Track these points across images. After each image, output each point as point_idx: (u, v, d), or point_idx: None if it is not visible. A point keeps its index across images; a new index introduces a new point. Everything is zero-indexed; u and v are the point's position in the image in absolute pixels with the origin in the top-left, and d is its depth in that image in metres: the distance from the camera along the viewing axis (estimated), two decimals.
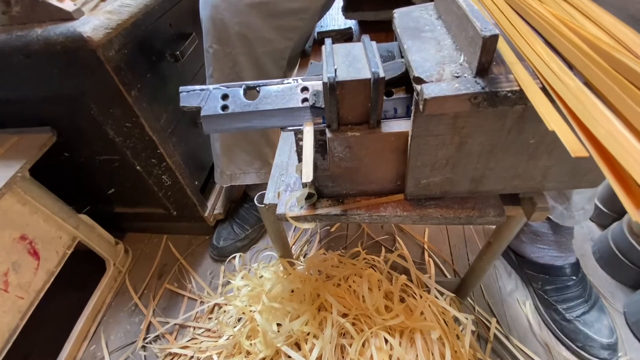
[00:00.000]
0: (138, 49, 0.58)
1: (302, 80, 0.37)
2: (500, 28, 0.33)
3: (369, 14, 0.78)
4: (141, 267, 0.90)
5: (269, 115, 0.37)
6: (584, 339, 0.63)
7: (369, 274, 0.58)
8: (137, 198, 0.83)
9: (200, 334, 0.74)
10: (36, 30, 0.46)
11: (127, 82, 0.55)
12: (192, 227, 0.92)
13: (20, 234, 0.63)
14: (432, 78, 0.29)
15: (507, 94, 0.26)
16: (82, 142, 0.68)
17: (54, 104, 0.60)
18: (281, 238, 0.59)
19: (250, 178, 0.80)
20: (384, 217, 0.42)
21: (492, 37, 0.25)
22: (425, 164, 0.37)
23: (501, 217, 0.40)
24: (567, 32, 0.27)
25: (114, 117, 0.60)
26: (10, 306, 0.62)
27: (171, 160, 0.70)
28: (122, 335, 0.78)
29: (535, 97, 0.23)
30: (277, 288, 0.61)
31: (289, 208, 0.44)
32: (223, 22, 0.58)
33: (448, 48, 0.32)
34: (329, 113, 0.34)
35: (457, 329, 0.60)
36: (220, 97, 0.37)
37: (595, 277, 0.76)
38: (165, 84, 0.68)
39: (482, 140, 0.33)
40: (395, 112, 0.37)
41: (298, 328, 0.52)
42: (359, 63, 0.33)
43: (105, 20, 0.47)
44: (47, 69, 0.51)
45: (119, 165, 0.72)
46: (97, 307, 0.81)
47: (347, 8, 0.79)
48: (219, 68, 0.64)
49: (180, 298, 0.83)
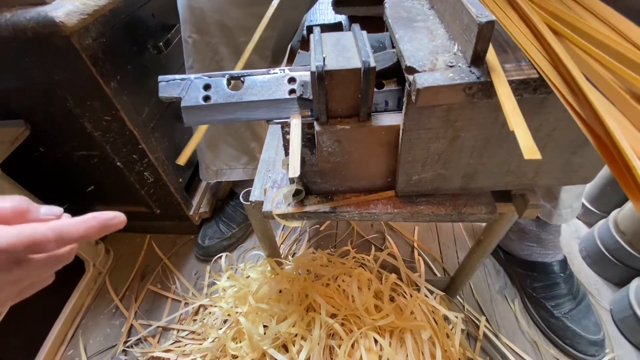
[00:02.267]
0: (118, 39, 0.55)
1: (289, 71, 0.36)
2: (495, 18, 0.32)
3: (360, 9, 0.76)
4: (123, 268, 0.87)
5: (254, 107, 0.35)
6: (571, 335, 0.64)
7: (359, 273, 0.57)
8: (118, 196, 0.80)
9: (184, 337, 0.71)
10: (5, 14, 0.43)
11: (105, 73, 0.52)
12: (177, 226, 0.89)
13: None
14: (425, 67, 0.27)
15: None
16: (59, 136, 0.65)
17: (26, 95, 0.57)
18: (268, 237, 0.57)
19: (237, 174, 0.78)
20: (374, 214, 0.41)
21: (488, 24, 0.24)
22: (416, 159, 0.36)
23: (493, 214, 0.40)
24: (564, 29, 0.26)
25: (92, 110, 0.57)
26: None
27: (154, 157, 0.67)
28: (102, 339, 0.74)
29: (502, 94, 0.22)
30: (264, 288, 0.59)
31: (276, 205, 0.42)
32: (201, 10, 0.56)
33: (441, 37, 0.31)
34: (318, 105, 0.33)
35: (447, 327, 0.60)
36: (202, 87, 0.35)
37: (582, 275, 0.77)
38: (148, 76, 0.65)
39: (475, 134, 0.32)
40: (386, 105, 0.36)
41: (285, 330, 0.50)
42: (349, 52, 0.32)
43: (80, 5, 0.44)
44: (17, 57, 0.48)
45: (98, 161, 0.69)
46: (76, 309, 0.77)
47: (337, 2, 0.77)
48: (199, 59, 0.61)
49: (164, 300, 0.80)
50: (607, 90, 0.21)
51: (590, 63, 0.23)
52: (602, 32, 0.24)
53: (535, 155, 0.19)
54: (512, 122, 0.20)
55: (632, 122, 0.19)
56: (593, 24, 0.27)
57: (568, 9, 0.29)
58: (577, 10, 0.28)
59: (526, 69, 0.26)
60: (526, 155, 0.19)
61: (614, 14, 0.26)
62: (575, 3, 0.29)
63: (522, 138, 0.19)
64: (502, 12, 0.32)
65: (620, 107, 0.20)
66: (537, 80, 0.25)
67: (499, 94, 0.22)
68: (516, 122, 0.20)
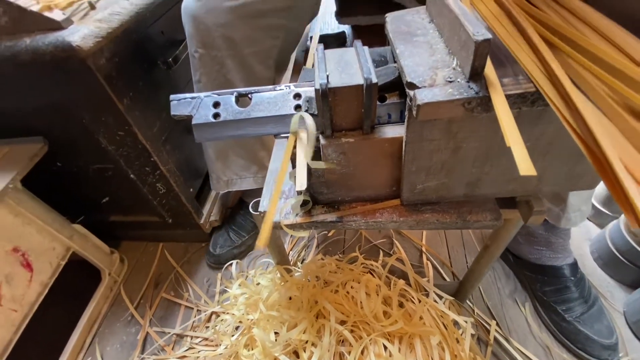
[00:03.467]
0: (130, 57, 0.58)
1: (295, 87, 0.37)
2: (494, 32, 0.33)
3: (362, 19, 0.78)
4: (137, 276, 0.89)
5: (262, 123, 0.36)
6: (583, 339, 0.63)
7: (367, 280, 0.58)
8: (131, 206, 0.82)
9: (198, 344, 0.73)
10: (25, 40, 0.45)
11: (118, 91, 0.55)
12: (188, 234, 0.91)
13: (13, 246, 0.62)
14: (424, 83, 0.28)
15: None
16: (75, 151, 0.67)
17: (44, 114, 0.59)
18: (277, 245, 0.59)
19: (248, 183, 0.80)
20: (380, 223, 0.41)
21: (485, 42, 0.24)
22: (420, 169, 0.36)
23: (498, 221, 0.40)
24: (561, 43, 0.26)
25: (106, 126, 0.59)
26: (3, 320, 0.61)
27: (165, 168, 0.69)
28: (119, 346, 0.76)
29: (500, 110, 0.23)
30: (274, 296, 0.60)
31: (284, 216, 0.43)
32: (206, 25, 0.58)
33: (441, 52, 0.32)
34: (322, 120, 0.34)
35: (456, 332, 0.60)
36: (211, 105, 0.37)
37: (594, 277, 0.76)
38: (158, 91, 0.67)
39: (476, 144, 0.33)
40: (389, 118, 0.37)
41: (296, 337, 0.51)
42: (352, 69, 0.33)
43: (94, 29, 0.47)
44: (37, 79, 0.51)
45: (113, 173, 0.71)
46: (93, 318, 0.80)
47: (340, 13, 0.79)
48: (206, 72, 0.63)
49: (177, 307, 0.81)
50: (601, 103, 0.22)
51: (585, 76, 0.24)
52: (597, 45, 0.25)
53: (530, 172, 0.19)
54: (509, 138, 0.21)
55: (625, 135, 0.20)
56: (589, 35, 0.27)
57: (565, 21, 0.30)
58: (574, 22, 0.29)
59: (524, 83, 0.26)
60: (522, 172, 0.20)
61: (610, 25, 0.27)
62: (572, 15, 0.30)
63: (519, 155, 0.20)
64: (501, 25, 0.32)
65: (614, 120, 0.21)
66: (535, 94, 0.26)
67: (497, 110, 0.23)
68: (513, 139, 0.21)
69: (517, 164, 0.20)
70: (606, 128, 0.20)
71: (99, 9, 0.52)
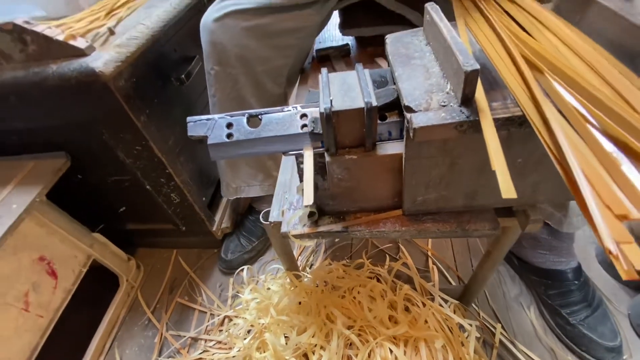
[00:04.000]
0: (146, 76, 0.61)
1: (301, 108, 0.40)
2: (486, 54, 0.35)
3: (365, 30, 0.80)
4: (153, 281, 0.93)
5: (271, 142, 0.39)
6: (588, 342, 0.64)
7: (372, 285, 0.60)
8: (147, 215, 0.86)
9: (212, 347, 0.76)
10: (51, 66, 0.49)
11: (136, 109, 0.58)
12: (201, 241, 0.94)
13: (39, 255, 0.66)
14: (420, 107, 0.31)
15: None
16: (95, 164, 0.71)
17: (67, 131, 0.63)
18: (287, 252, 0.61)
19: (255, 190, 0.83)
20: (383, 232, 0.44)
21: (473, 72, 0.27)
22: (419, 183, 0.39)
23: (496, 230, 0.42)
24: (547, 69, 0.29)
25: (125, 141, 0.63)
26: (31, 325, 0.65)
27: (179, 179, 0.73)
28: (137, 349, 0.80)
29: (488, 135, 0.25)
30: (284, 301, 0.63)
31: (293, 226, 0.46)
32: (222, 45, 0.61)
33: (436, 76, 0.34)
34: (327, 139, 0.37)
35: (461, 336, 0.62)
36: (225, 126, 0.40)
37: (598, 280, 0.77)
38: (172, 106, 0.71)
39: (471, 160, 0.35)
40: (389, 135, 0.39)
41: (305, 341, 0.54)
42: (353, 92, 0.36)
43: (114, 54, 0.50)
44: (62, 101, 0.55)
45: (130, 185, 0.75)
46: (112, 322, 0.84)
47: (344, 25, 0.82)
48: (220, 88, 0.67)
49: (191, 311, 0.85)
50: (579, 128, 0.24)
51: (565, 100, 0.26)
52: (577, 70, 0.27)
53: (511, 195, 0.22)
54: (494, 162, 0.23)
55: (598, 158, 0.22)
56: (571, 59, 0.29)
57: (552, 46, 0.32)
58: (560, 47, 0.31)
59: (511, 107, 0.29)
60: (504, 195, 0.22)
61: (593, 53, 0.29)
62: (559, 41, 0.32)
63: (502, 179, 0.22)
64: (492, 48, 0.35)
65: (590, 145, 0.23)
66: (521, 117, 0.28)
67: (485, 135, 0.26)
68: (498, 163, 0.23)
69: (500, 188, 0.22)
70: (581, 152, 0.22)
71: (118, 34, 0.56)
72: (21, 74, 0.50)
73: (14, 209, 0.58)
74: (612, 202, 0.19)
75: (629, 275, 0.18)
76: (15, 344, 0.62)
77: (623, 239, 0.18)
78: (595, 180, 0.20)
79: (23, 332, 0.64)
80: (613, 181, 0.20)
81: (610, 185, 0.20)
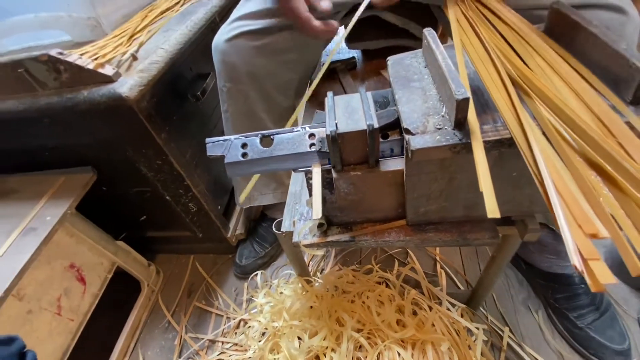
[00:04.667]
0: (165, 96, 0.66)
1: (310, 128, 0.43)
2: (480, 76, 0.38)
3: (370, 44, 0.83)
4: (172, 286, 0.97)
5: (283, 160, 0.43)
6: (596, 346, 0.65)
7: (381, 291, 0.63)
8: (166, 223, 0.91)
9: (229, 349, 0.80)
10: (83, 92, 0.54)
11: (157, 127, 0.63)
12: (216, 247, 0.99)
13: (70, 262, 0.72)
14: (417, 130, 0.34)
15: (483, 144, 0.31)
16: (118, 177, 0.76)
17: (94, 148, 0.68)
18: (298, 259, 0.65)
19: (267, 199, 0.86)
20: (388, 242, 0.47)
21: (464, 100, 0.30)
22: (421, 196, 0.41)
23: (495, 239, 0.44)
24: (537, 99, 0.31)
25: (146, 157, 0.68)
26: (63, 328, 0.70)
27: (196, 190, 0.77)
28: (158, 351, 0.85)
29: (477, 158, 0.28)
30: (296, 305, 0.66)
31: (303, 236, 0.49)
32: (234, 64, 0.65)
33: (432, 99, 0.37)
34: (333, 157, 0.40)
35: (469, 339, 0.64)
36: (240, 146, 0.44)
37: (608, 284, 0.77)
38: (189, 121, 0.76)
39: (468, 175, 0.38)
40: (391, 152, 0.42)
41: (317, 343, 0.57)
42: (357, 114, 0.39)
43: (138, 79, 0.55)
44: (90, 122, 0.60)
45: (151, 195, 0.80)
46: (135, 325, 0.89)
47: (349, 39, 0.85)
48: (232, 104, 0.71)
49: (209, 314, 0.89)
50: (560, 151, 0.27)
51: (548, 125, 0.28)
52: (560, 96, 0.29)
53: (495, 215, 0.24)
54: (482, 184, 0.26)
55: (577, 181, 0.24)
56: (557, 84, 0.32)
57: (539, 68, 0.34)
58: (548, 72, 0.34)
59: (501, 130, 0.31)
60: (489, 214, 0.25)
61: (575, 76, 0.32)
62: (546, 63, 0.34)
63: (488, 200, 0.25)
64: (486, 70, 0.37)
65: (569, 167, 0.25)
66: (510, 140, 0.31)
67: (475, 158, 0.28)
68: (485, 185, 0.26)
69: (486, 208, 0.25)
70: (559, 174, 0.25)
71: (140, 59, 0.60)
72: (55, 100, 0.55)
73: (48, 220, 0.64)
74: (584, 221, 0.22)
75: (598, 288, 0.20)
76: (49, 345, 0.68)
77: (591, 255, 0.20)
78: (570, 200, 0.23)
79: (56, 335, 0.69)
80: (587, 202, 0.23)
81: (583, 205, 0.22)
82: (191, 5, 0.82)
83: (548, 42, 0.37)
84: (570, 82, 0.31)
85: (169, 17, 0.78)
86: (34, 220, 0.64)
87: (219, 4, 0.81)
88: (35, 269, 0.63)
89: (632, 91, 0.29)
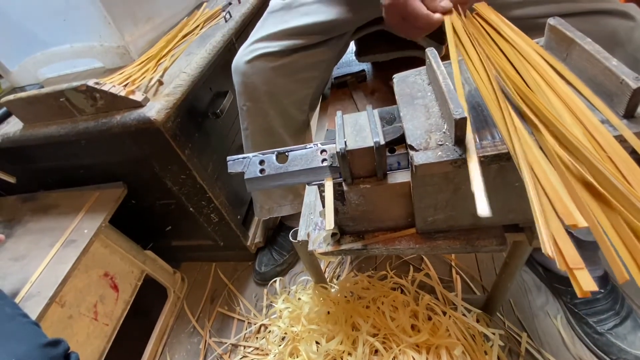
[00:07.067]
0: (188, 116, 0.71)
1: (321, 145, 0.46)
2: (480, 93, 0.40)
3: (380, 56, 0.86)
4: (196, 292, 1.02)
5: (297, 175, 0.46)
6: (617, 351, 0.64)
7: (395, 296, 0.65)
8: (190, 233, 0.96)
9: (250, 352, 0.84)
10: (116, 117, 0.60)
11: (181, 144, 0.68)
12: (237, 255, 1.03)
13: (104, 271, 0.77)
14: (421, 146, 0.36)
15: (481, 159, 0.33)
16: (146, 191, 0.82)
17: (125, 165, 0.74)
18: (314, 266, 0.68)
19: (286, 210, 0.90)
20: (399, 249, 0.49)
21: (461, 120, 0.32)
22: (428, 206, 0.44)
23: (503, 246, 0.46)
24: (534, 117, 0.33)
25: (172, 172, 0.73)
26: (99, 332, 0.75)
27: (218, 201, 0.82)
28: (185, 354, 0.89)
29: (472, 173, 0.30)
30: (314, 310, 0.69)
31: (318, 245, 0.52)
32: (254, 84, 0.69)
33: (435, 115, 0.39)
34: (344, 172, 0.43)
35: (485, 344, 0.64)
36: (258, 163, 0.47)
37: (630, 288, 0.76)
38: (210, 138, 0.81)
39: None
40: (399, 165, 0.44)
41: (334, 347, 0.59)
42: (364, 132, 0.42)
43: (164, 102, 0.60)
44: (122, 143, 0.65)
45: (175, 207, 0.85)
46: (162, 329, 0.94)
47: (359, 52, 0.88)
48: (252, 121, 0.75)
49: (231, 320, 0.93)
50: (554, 165, 0.28)
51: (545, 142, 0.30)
52: (555, 113, 0.31)
53: (485, 214, 0.27)
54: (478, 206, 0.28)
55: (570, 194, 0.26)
56: (551, 99, 0.34)
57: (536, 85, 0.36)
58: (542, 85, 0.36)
59: (499, 145, 0.34)
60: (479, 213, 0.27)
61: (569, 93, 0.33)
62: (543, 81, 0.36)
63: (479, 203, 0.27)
64: (485, 87, 0.39)
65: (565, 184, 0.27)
66: (508, 154, 0.33)
67: (470, 173, 0.31)
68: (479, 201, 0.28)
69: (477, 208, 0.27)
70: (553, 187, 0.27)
71: (165, 84, 0.66)
72: (92, 125, 0.61)
73: (85, 233, 0.70)
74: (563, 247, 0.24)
75: (582, 294, 0.22)
76: (88, 348, 0.73)
77: (576, 265, 0.22)
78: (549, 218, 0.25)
79: (93, 339, 0.74)
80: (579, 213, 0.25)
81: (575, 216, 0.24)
82: (210, 29, 0.87)
83: (546, 57, 0.39)
84: (564, 98, 0.33)
85: (190, 41, 0.84)
86: (73, 233, 0.70)
87: (235, 26, 0.86)
88: (75, 278, 0.69)
89: (624, 106, 0.31)
